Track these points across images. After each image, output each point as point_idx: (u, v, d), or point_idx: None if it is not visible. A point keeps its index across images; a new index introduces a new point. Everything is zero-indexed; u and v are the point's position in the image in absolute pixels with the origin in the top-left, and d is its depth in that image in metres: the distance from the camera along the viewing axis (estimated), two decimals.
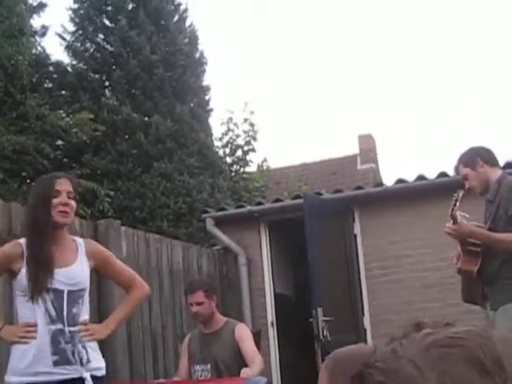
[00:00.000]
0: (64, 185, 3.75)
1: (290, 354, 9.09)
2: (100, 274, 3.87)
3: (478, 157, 4.90)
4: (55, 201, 3.69)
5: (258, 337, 6.06)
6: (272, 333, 8.66)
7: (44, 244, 3.66)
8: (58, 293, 3.64)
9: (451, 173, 8.19)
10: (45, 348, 3.56)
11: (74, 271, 3.73)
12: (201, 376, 5.45)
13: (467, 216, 4.79)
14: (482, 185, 4.89)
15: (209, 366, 5.46)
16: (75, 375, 3.58)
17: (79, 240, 3.94)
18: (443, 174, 8.22)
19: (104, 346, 5.27)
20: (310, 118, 36.91)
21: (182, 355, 5.78)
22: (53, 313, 3.61)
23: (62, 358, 3.57)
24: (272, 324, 8.70)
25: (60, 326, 3.60)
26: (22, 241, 3.74)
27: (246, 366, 5.31)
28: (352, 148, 20.82)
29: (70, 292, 3.67)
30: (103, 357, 3.88)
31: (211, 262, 8.36)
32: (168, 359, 6.96)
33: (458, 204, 4.62)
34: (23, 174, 12.27)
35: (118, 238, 6.23)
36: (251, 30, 39.92)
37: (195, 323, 6.42)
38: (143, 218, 12.06)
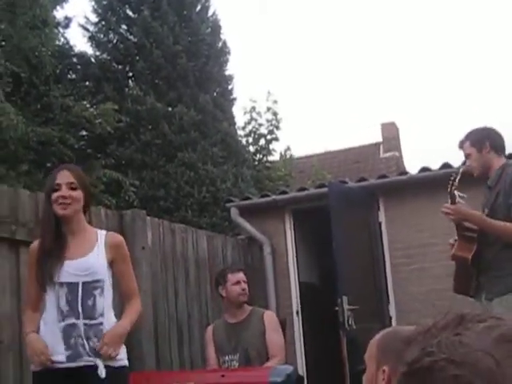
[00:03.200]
0: (64, 177, 3.77)
1: (315, 342, 9.09)
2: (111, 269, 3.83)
3: (488, 141, 4.80)
4: (55, 194, 3.74)
5: (283, 325, 6.07)
6: (297, 321, 8.66)
7: (49, 236, 3.73)
8: (73, 286, 3.67)
9: None
10: (58, 344, 3.64)
11: (88, 261, 3.74)
12: (230, 366, 5.47)
13: (465, 196, 4.71)
14: (482, 168, 4.81)
15: (238, 356, 5.47)
16: (88, 364, 3.64)
17: (102, 231, 3.97)
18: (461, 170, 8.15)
19: (130, 336, 5.30)
20: (333, 107, 36.88)
21: (207, 347, 5.78)
22: (65, 308, 3.65)
23: (74, 353, 3.63)
24: (297, 313, 8.70)
25: (72, 320, 3.64)
26: (34, 244, 3.87)
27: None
28: (375, 136, 20.79)
29: (84, 283, 3.69)
30: (129, 346, 3.90)
31: (236, 251, 8.36)
32: (194, 348, 6.98)
33: (456, 181, 4.59)
34: (48, 164, 12.31)
35: (143, 227, 6.24)
36: (274, 17, 39.84)
37: (220, 312, 6.46)
38: (167, 207, 12.10)
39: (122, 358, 3.78)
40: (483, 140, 4.81)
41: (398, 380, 0.85)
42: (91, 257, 3.76)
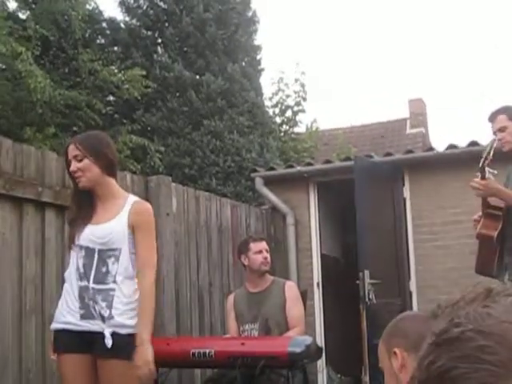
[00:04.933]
0: (70, 152, 3.83)
1: (335, 314, 9.11)
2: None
3: None
4: (69, 170, 3.86)
5: (304, 296, 6.09)
6: (317, 293, 8.67)
7: (72, 207, 3.96)
8: (90, 251, 3.78)
9: None
10: (75, 302, 3.77)
11: (105, 230, 3.77)
12: (250, 334, 5.50)
13: (496, 172, 4.70)
14: None
15: (258, 325, 5.50)
16: (97, 329, 3.71)
17: (132, 198, 3.97)
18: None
19: None
20: (361, 81, 36.64)
21: (228, 316, 5.82)
22: (82, 270, 3.77)
23: (86, 313, 3.74)
24: (318, 285, 8.70)
25: (85, 282, 3.75)
26: None
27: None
28: (402, 112, 20.68)
29: (100, 251, 3.77)
30: None
31: (259, 221, 8.37)
32: (214, 315, 7.03)
33: (491, 155, 4.52)
34: (74, 128, 12.34)
35: (168, 194, 6.26)
36: None
37: (242, 282, 6.48)
38: (192, 175, 12.11)
39: (130, 325, 3.75)
40: None
41: (424, 351, 0.86)
42: (110, 225, 3.80)
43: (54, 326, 3.85)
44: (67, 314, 3.76)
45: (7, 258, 4.55)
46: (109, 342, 3.66)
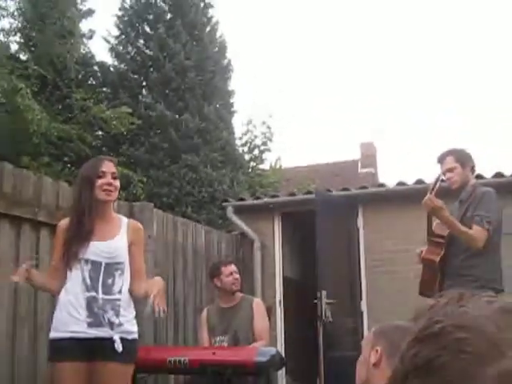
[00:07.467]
0: (109, 167, 3.75)
1: (295, 330, 9.08)
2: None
3: (470, 161, 4.89)
4: (100, 181, 3.69)
5: (269, 312, 6.06)
6: (279, 310, 8.65)
7: (85, 218, 3.67)
8: (96, 264, 3.66)
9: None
10: (81, 311, 3.60)
11: (113, 245, 3.72)
12: (220, 345, 5.46)
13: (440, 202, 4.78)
14: (461, 183, 4.85)
15: (227, 337, 5.46)
16: (105, 335, 3.60)
17: (124, 218, 3.95)
18: (441, 180, 8.17)
19: None
20: (319, 125, 36.95)
21: (201, 328, 5.77)
22: (88, 282, 3.64)
23: (95, 321, 3.60)
24: (280, 302, 8.69)
25: (93, 293, 3.62)
26: (63, 222, 3.81)
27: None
28: (354, 153, 20.89)
29: (107, 264, 3.68)
30: None
31: (229, 246, 8.34)
32: (188, 329, 6.95)
33: (437, 186, 4.55)
34: (66, 158, 12.31)
35: (150, 218, 6.22)
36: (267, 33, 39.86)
37: (214, 298, 6.43)
38: (170, 203, 12.09)
39: (135, 331, 3.76)
40: (467, 159, 4.89)
41: (407, 346, 0.85)
42: (116, 241, 3.75)
43: (58, 334, 3.63)
44: (72, 324, 3.59)
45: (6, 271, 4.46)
46: (119, 346, 3.58)
